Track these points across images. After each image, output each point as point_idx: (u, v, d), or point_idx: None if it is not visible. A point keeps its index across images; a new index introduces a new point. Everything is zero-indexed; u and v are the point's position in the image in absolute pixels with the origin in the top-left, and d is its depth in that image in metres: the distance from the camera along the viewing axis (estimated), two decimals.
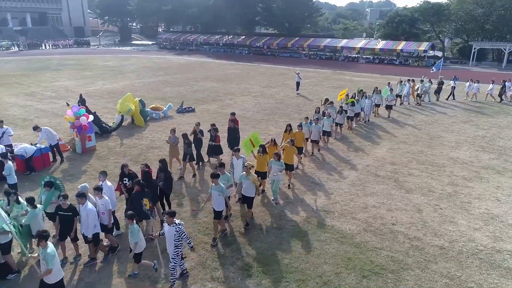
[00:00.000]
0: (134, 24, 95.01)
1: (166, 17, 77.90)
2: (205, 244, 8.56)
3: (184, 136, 12.11)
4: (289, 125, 12.90)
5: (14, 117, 18.99)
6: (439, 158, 14.25)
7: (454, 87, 24.72)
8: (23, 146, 12.16)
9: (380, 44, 49.60)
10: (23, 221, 7.63)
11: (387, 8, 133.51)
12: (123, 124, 17.48)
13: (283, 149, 11.52)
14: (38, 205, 7.76)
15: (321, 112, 15.73)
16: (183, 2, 70.05)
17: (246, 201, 9.32)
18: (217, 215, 8.46)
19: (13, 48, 61.92)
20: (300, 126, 13.12)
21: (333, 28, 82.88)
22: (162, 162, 9.67)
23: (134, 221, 7.13)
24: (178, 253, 7.00)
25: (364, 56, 50.63)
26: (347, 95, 18.94)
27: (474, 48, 45.36)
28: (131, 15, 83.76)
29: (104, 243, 8.14)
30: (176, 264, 7.01)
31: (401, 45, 47.12)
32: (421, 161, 13.91)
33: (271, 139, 11.77)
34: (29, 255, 7.01)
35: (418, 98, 23.59)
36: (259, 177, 10.63)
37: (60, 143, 13.55)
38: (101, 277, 7.53)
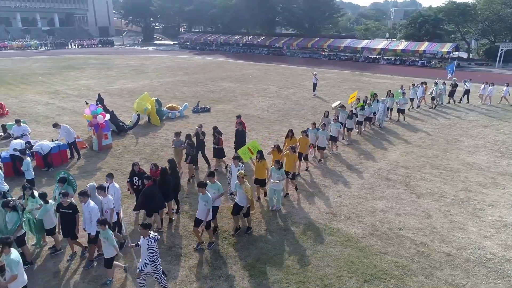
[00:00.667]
0: (156, 24, 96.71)
1: (188, 18, 79.17)
2: (225, 233, 8.72)
3: (188, 137, 12.17)
4: (291, 131, 12.41)
5: (37, 115, 19.77)
6: (455, 163, 13.94)
7: (468, 90, 23.89)
8: (40, 143, 12.66)
9: (402, 45, 48.70)
10: (37, 215, 7.99)
11: (412, 8, 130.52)
12: (139, 123, 17.94)
13: (285, 157, 11.08)
14: (50, 201, 8.10)
15: (329, 117, 15.45)
16: (205, 2, 70.90)
17: (240, 210, 8.88)
18: (197, 223, 8.23)
19: (40, 47, 64.14)
20: (304, 132, 12.58)
21: (354, 28, 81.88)
22: (171, 162, 9.90)
23: (106, 226, 7.01)
24: (155, 268, 6.73)
25: (385, 57, 49.85)
26: (358, 98, 18.46)
27: (501, 50, 43.87)
28: (154, 15, 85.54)
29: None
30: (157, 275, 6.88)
31: (424, 46, 46.10)
32: (435, 166, 13.64)
33: (275, 145, 11.37)
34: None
35: (432, 101, 22.91)
36: (258, 185, 10.61)
37: (78, 141, 14.05)
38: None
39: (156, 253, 6.65)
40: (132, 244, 7.19)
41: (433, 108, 22.52)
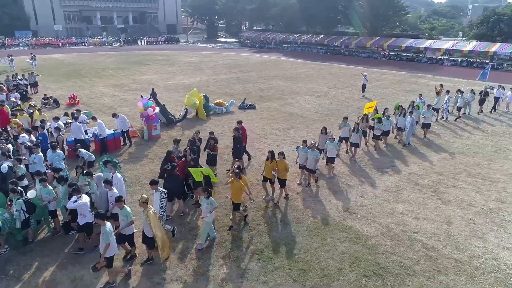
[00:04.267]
0: (220, 22, 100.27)
1: (250, 16, 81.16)
2: (226, 227, 9.63)
3: (192, 142, 11.94)
4: (271, 152, 10.68)
5: (102, 105, 22.26)
6: (496, 173, 13.34)
7: (499, 97, 21.70)
8: (101, 127, 14.37)
9: (470, 45, 45.52)
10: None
11: (493, 4, 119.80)
12: (188, 116, 19.45)
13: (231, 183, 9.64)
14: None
15: (342, 130, 14.22)
16: (266, 1, 72.21)
17: (146, 239, 8.07)
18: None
19: (115, 44, 70.12)
20: (281, 154, 10.71)
21: (418, 27, 77.66)
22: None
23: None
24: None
25: (450, 58, 47.00)
26: (376, 109, 16.50)
27: None
28: (219, 14, 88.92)
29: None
30: None
31: (495, 47, 42.68)
32: (472, 174, 13.19)
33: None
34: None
35: (458, 112, 20.57)
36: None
37: (131, 130, 15.81)
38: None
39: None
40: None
41: (459, 119, 20.09)
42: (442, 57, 47.71)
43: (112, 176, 9.28)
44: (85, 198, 8.34)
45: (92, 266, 7.24)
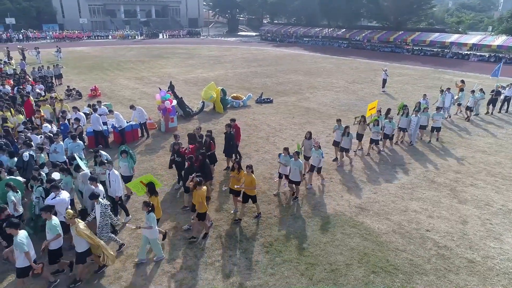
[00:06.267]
0: (241, 16, 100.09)
1: (271, 9, 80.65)
2: (236, 219, 9.75)
3: (191, 136, 11.88)
4: (237, 163, 9.64)
5: (123, 97, 22.75)
6: None
7: (511, 97, 20.44)
8: (118, 118, 14.71)
9: (499, 40, 43.77)
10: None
11: None
12: (205, 110, 19.65)
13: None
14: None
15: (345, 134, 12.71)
16: None
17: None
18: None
19: (137, 37, 71.19)
20: (249, 167, 9.45)
21: (445, 21, 75.21)
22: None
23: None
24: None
25: (478, 54, 45.40)
26: (379, 110, 15.25)
27: None
28: (240, 7, 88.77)
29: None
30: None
31: None
32: (492, 173, 12.81)
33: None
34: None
35: (468, 112, 19.08)
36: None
37: (148, 122, 16.13)
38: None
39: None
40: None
41: (467, 120, 18.94)
42: (468, 52, 46.14)
43: (109, 173, 9.14)
44: (64, 195, 8.15)
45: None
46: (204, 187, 8.61)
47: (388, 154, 14.46)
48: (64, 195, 8.21)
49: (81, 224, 7.28)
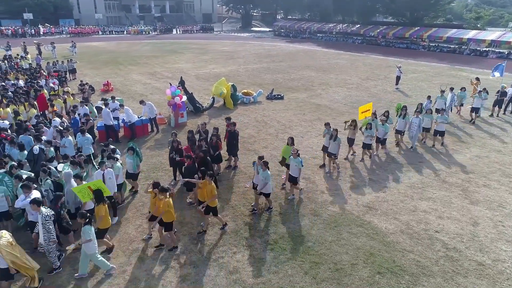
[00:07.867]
0: (255, 12, 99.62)
1: (285, 5, 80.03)
2: (244, 216, 9.71)
3: (191, 133, 11.99)
4: (202, 171, 8.80)
5: (135, 92, 22.92)
6: None
7: None
8: (128, 113, 14.81)
9: None
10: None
11: None
12: (215, 105, 19.64)
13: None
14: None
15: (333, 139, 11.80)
16: None
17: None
18: None
19: (151, 32, 71.64)
20: (212, 176, 8.71)
21: (463, 17, 73.37)
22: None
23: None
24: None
25: (496, 50, 44.16)
26: (374, 113, 13.87)
27: None
28: (254, 2, 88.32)
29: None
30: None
31: None
32: (507, 174, 12.46)
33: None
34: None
35: (472, 114, 18.07)
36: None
37: (158, 117, 16.20)
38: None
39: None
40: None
41: (472, 122, 17.99)
42: (487, 49, 44.96)
43: (103, 173, 9.08)
44: (35, 194, 7.93)
45: None
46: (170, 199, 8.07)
47: (399, 153, 14.19)
48: (35, 194, 7.94)
49: (4, 240, 6.56)
